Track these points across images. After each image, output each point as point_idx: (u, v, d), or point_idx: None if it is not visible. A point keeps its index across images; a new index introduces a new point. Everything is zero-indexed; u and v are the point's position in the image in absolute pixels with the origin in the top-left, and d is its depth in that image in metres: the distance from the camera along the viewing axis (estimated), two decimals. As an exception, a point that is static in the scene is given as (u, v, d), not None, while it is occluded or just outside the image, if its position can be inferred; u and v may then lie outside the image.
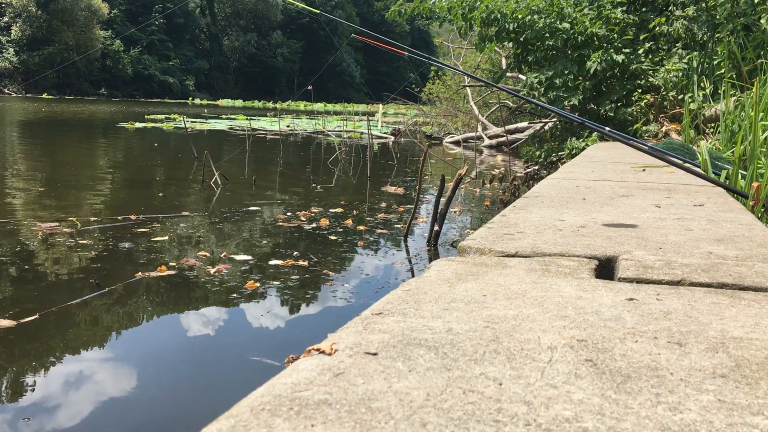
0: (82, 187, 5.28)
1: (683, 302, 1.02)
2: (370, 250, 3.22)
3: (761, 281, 1.15)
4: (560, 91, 6.12)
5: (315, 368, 0.70)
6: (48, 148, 9.43)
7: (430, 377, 0.69)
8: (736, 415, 0.61)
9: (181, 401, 1.62)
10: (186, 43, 61.73)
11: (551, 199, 2.26)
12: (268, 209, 4.33)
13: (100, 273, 2.62)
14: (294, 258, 2.92)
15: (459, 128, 13.80)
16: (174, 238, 3.32)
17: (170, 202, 4.52)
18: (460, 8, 6.83)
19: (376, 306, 0.97)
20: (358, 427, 0.57)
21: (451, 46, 16.13)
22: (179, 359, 1.91)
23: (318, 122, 16.11)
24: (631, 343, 0.82)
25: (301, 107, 38.42)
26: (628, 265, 1.26)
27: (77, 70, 49.99)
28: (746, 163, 3.05)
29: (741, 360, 0.76)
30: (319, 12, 4.50)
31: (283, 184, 6.00)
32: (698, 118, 5.13)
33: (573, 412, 0.60)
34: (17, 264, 2.72)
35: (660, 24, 6.41)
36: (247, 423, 0.57)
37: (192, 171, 6.49)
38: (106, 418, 1.51)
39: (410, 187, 5.80)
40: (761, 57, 4.86)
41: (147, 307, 2.31)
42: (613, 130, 3.52)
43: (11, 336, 1.91)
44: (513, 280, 1.15)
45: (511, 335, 0.84)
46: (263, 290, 2.46)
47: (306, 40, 68.90)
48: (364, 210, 4.42)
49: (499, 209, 4.30)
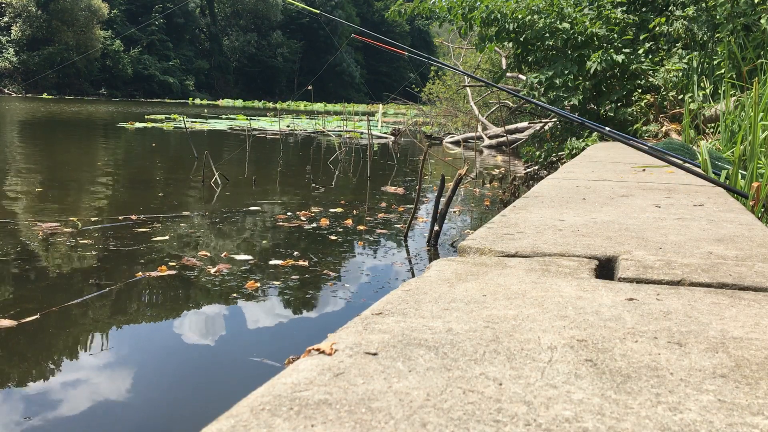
0: (83, 187, 5.28)
1: (683, 302, 1.02)
2: (370, 250, 3.22)
3: (761, 281, 1.15)
4: (560, 91, 6.12)
5: (315, 368, 0.70)
6: (48, 148, 9.43)
7: (430, 377, 0.69)
8: (736, 415, 0.61)
9: (181, 401, 1.62)
10: (186, 43, 61.71)
11: (551, 199, 2.26)
12: (268, 209, 4.33)
13: (100, 273, 2.62)
14: (294, 258, 2.92)
15: (459, 128, 13.80)
16: (174, 238, 3.32)
17: (170, 202, 4.52)
18: (460, 8, 6.83)
19: (376, 306, 0.97)
20: (358, 427, 0.57)
21: (451, 46, 16.13)
22: (179, 359, 1.91)
23: (318, 122, 16.11)
24: (631, 343, 0.82)
25: (301, 107, 38.43)
26: (628, 265, 1.26)
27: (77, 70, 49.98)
28: (746, 163, 3.05)
29: (741, 360, 0.76)
30: (319, 12, 4.50)
31: (283, 184, 6.00)
32: (698, 118, 5.13)
33: (573, 412, 0.61)
34: (18, 264, 2.72)
35: (660, 24, 6.41)
36: (247, 423, 0.57)
37: (192, 171, 6.49)
38: (106, 418, 1.51)
39: (410, 187, 5.80)
40: (761, 57, 4.86)
41: (147, 307, 2.31)
42: (613, 130, 3.52)
43: (12, 336, 1.91)
44: (513, 280, 1.15)
45: (511, 335, 0.84)
46: (263, 290, 2.46)
47: (306, 40, 68.90)
48: (364, 210, 4.42)
49: (499, 209, 4.30)
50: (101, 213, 3.99)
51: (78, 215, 3.79)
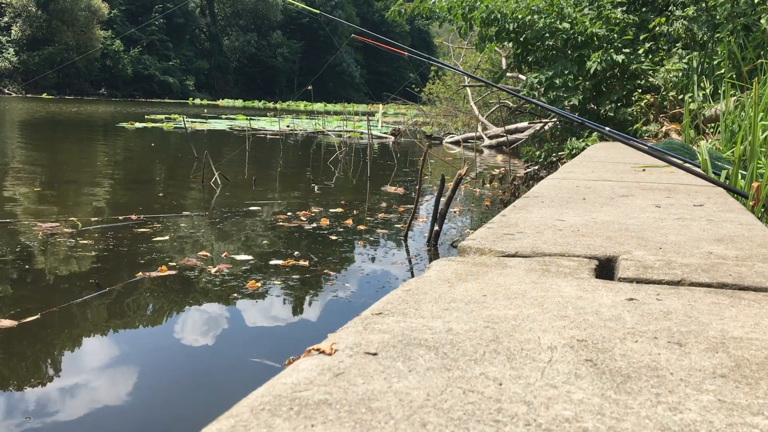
0: (82, 187, 5.28)
1: (683, 302, 1.02)
2: (370, 250, 3.22)
3: (761, 281, 1.15)
4: (560, 91, 6.12)
5: (315, 368, 0.70)
6: (48, 148, 9.43)
7: (430, 377, 0.69)
8: (736, 415, 0.61)
9: (181, 401, 1.62)
10: (186, 43, 61.71)
11: (551, 199, 2.26)
12: (268, 209, 4.33)
13: (100, 273, 2.62)
14: (294, 258, 2.92)
15: (459, 128, 13.80)
16: (174, 238, 3.32)
17: (170, 202, 4.52)
18: (460, 8, 6.83)
19: (376, 306, 0.97)
20: (358, 427, 0.57)
21: (451, 46, 16.13)
22: (179, 359, 1.91)
23: (318, 122, 16.11)
24: (631, 343, 0.82)
25: (301, 107, 38.42)
26: (628, 265, 1.26)
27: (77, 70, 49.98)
28: (746, 163, 3.05)
29: (741, 360, 0.76)
30: (319, 12, 4.50)
31: (283, 184, 6.00)
32: (698, 118, 5.13)
33: (573, 412, 0.61)
34: (18, 264, 2.72)
35: (660, 24, 6.41)
36: (247, 423, 0.57)
37: (192, 171, 6.49)
38: (106, 418, 1.51)
39: (410, 187, 5.80)
40: (761, 57, 4.86)
41: (147, 307, 2.31)
42: (613, 130, 3.52)
43: (12, 336, 1.91)
44: (513, 280, 1.15)
45: (511, 335, 0.84)
46: (264, 290, 2.46)
47: (306, 40, 68.89)
48: (364, 210, 4.42)
49: (499, 209, 4.30)
50: (101, 213, 3.99)
51: (78, 215, 3.79)
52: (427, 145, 4.95)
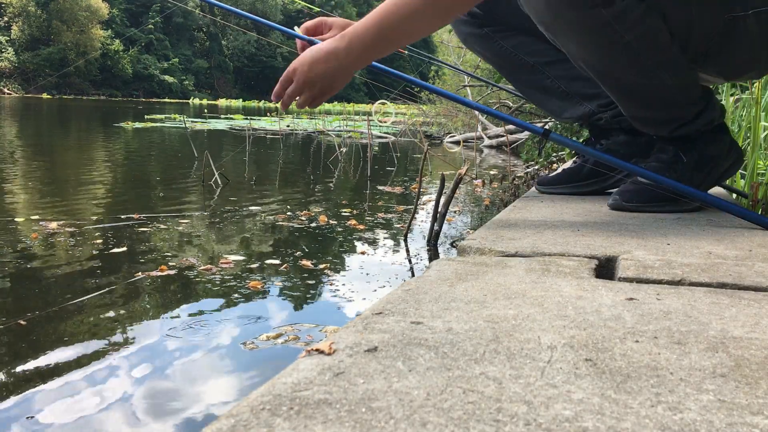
0: (82, 186, 5.28)
1: (683, 302, 1.02)
2: (370, 250, 3.22)
3: (761, 281, 1.15)
4: (560, 91, 6.10)
5: (315, 368, 0.70)
6: (47, 148, 9.42)
7: (430, 377, 0.69)
8: (736, 414, 0.61)
9: (180, 401, 1.62)
10: (185, 42, 61.69)
11: (551, 198, 2.26)
12: (268, 209, 4.33)
13: (100, 273, 2.62)
14: (294, 257, 2.92)
15: (459, 128, 13.79)
16: (174, 237, 3.32)
17: (170, 202, 4.51)
18: (460, 8, 6.81)
19: (376, 305, 0.97)
20: (358, 426, 0.57)
21: (451, 45, 16.12)
22: (179, 359, 1.91)
23: (318, 122, 16.11)
24: (631, 342, 0.82)
25: (301, 107, 38.29)
26: (628, 265, 1.26)
27: (77, 70, 49.96)
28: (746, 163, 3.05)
29: (741, 359, 0.76)
30: (318, 12, 4.49)
31: (283, 183, 6.00)
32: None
33: (573, 412, 0.61)
34: (17, 264, 2.72)
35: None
36: (247, 422, 0.57)
37: (192, 171, 6.49)
38: (106, 418, 1.51)
39: (410, 186, 5.80)
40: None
41: (147, 306, 2.31)
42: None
43: (11, 336, 1.91)
44: (513, 279, 1.15)
45: (511, 335, 0.84)
46: (264, 290, 2.46)
47: (306, 39, 68.64)
48: (364, 209, 4.42)
49: (499, 209, 4.31)
50: (101, 213, 3.99)
51: (78, 215, 3.79)
52: (427, 145, 4.95)
